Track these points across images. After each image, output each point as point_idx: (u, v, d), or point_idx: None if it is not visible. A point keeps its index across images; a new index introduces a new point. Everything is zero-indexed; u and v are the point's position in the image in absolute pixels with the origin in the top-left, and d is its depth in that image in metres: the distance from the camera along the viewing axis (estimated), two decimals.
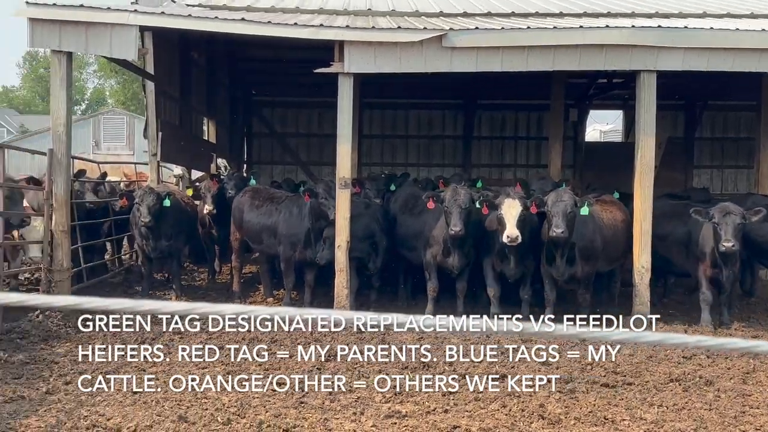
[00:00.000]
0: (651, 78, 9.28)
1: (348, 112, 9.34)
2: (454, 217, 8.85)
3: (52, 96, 9.42)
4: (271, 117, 19.15)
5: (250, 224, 10.16)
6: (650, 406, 6.02)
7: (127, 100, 59.71)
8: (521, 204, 8.62)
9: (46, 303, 1.72)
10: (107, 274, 11.66)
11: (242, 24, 9.31)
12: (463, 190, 9.09)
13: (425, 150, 19.10)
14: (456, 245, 9.20)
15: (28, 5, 8.94)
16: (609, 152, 18.71)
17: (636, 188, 9.39)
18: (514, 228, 8.52)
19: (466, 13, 11.56)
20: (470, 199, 8.98)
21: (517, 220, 8.55)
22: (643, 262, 9.23)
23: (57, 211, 9.20)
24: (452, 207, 8.89)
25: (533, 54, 9.19)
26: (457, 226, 8.80)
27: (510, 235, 8.51)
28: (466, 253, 9.36)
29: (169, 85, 13.32)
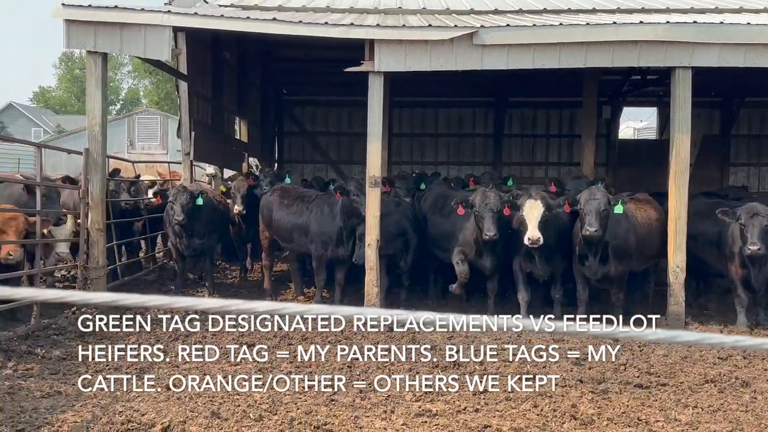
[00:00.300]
0: (686, 74, 9.13)
1: (378, 110, 9.34)
2: (487, 222, 8.77)
3: (87, 96, 9.57)
4: (302, 116, 19.24)
5: (280, 223, 10.22)
6: (685, 407, 5.93)
7: (160, 100, 60.53)
8: (543, 205, 8.53)
9: (84, 299, 1.75)
10: (141, 272, 11.83)
11: (274, 24, 9.37)
12: (493, 194, 9.01)
13: (455, 148, 19.02)
14: (488, 247, 9.16)
15: (64, 7, 9.10)
16: (643, 150, 18.44)
17: (671, 187, 9.25)
18: (536, 230, 8.44)
19: (497, 11, 11.49)
20: (501, 202, 8.91)
21: (539, 221, 8.47)
22: (677, 261, 9.10)
23: (93, 209, 9.35)
24: (484, 211, 8.82)
25: (565, 51, 9.10)
26: (491, 230, 8.73)
27: (531, 237, 8.44)
28: (498, 253, 9.32)
29: (202, 85, 13.46)
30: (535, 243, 8.44)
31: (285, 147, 19.29)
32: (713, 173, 17.11)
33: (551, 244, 8.82)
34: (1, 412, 5.40)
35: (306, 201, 10.22)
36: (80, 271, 9.36)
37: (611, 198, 8.63)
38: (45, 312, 8.31)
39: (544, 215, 8.51)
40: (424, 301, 10.39)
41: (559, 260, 9.13)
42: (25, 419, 5.28)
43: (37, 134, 53.61)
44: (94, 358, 6.83)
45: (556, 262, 9.12)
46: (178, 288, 10.51)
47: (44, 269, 8.90)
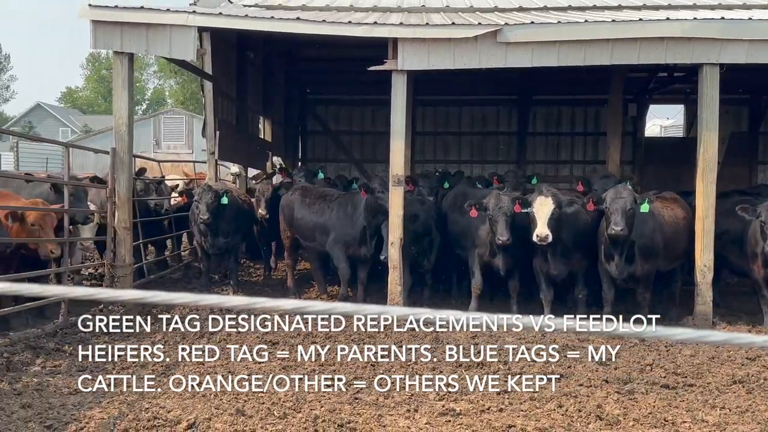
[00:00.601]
0: (714, 71, 9.00)
1: (401, 109, 9.33)
2: (500, 226, 8.71)
3: (114, 96, 9.68)
4: (325, 115, 19.29)
5: (301, 222, 10.24)
6: (712, 408, 5.85)
7: (186, 99, 61.11)
8: (554, 202, 8.45)
9: (112, 297, 1.77)
10: (167, 270, 11.95)
11: (298, 23, 9.40)
12: (506, 197, 8.94)
13: (479, 147, 18.94)
14: (503, 248, 9.07)
15: (90, 8, 9.20)
16: (669, 148, 18.20)
17: (698, 185, 9.14)
18: (545, 227, 8.35)
19: (521, 8, 11.43)
20: (514, 205, 8.83)
21: (549, 218, 8.38)
22: (705, 261, 8.98)
23: (119, 208, 9.46)
24: (497, 215, 8.76)
25: (591, 48, 9.02)
26: (504, 235, 8.68)
27: (540, 234, 8.36)
28: (514, 254, 9.21)
29: (227, 84, 13.55)
30: (543, 240, 8.35)
31: (308, 146, 19.35)
32: (741, 171, 16.85)
33: (567, 242, 8.75)
34: (30, 408, 5.48)
35: (327, 200, 10.23)
36: (107, 269, 9.48)
37: (637, 197, 8.53)
38: (72, 310, 8.42)
39: (555, 212, 8.43)
40: (448, 300, 10.36)
41: (578, 259, 9.00)
42: (53, 415, 5.36)
43: (64, 134, 54.45)
44: (120, 356, 6.90)
45: (574, 262, 8.99)
46: (203, 286, 10.59)
47: (72, 267, 9.01)
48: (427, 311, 1.61)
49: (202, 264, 11.14)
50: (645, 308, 8.91)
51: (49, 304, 8.36)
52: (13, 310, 7.63)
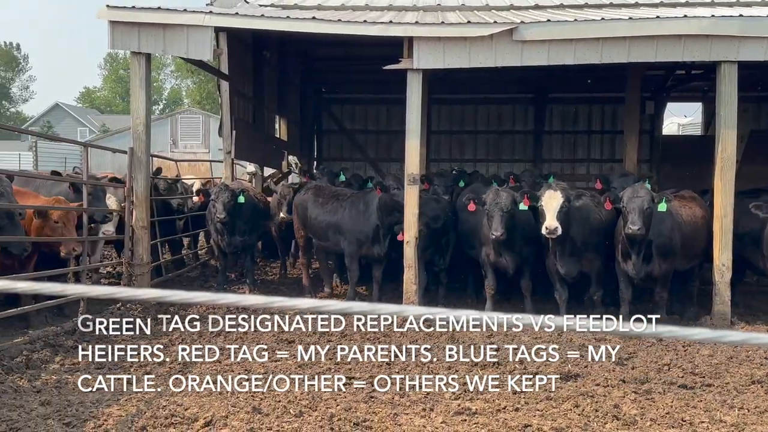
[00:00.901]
0: (732, 69, 8.92)
1: (417, 108, 9.33)
2: (495, 221, 8.66)
3: (132, 96, 9.76)
4: (340, 114, 19.32)
5: (314, 221, 10.24)
6: (730, 408, 5.80)
7: (202, 99, 61.45)
8: (563, 196, 8.37)
9: (131, 296, 1.79)
10: (184, 269, 12.02)
11: (313, 23, 9.42)
12: (506, 193, 8.87)
13: (494, 145, 18.89)
14: (502, 247, 9.01)
15: (108, 8, 9.28)
16: (687, 146, 18.06)
17: (716, 183, 9.06)
18: (554, 219, 8.26)
19: (537, 6, 11.39)
20: (513, 201, 8.76)
21: (558, 212, 8.29)
22: (723, 260, 8.91)
23: (137, 207, 9.53)
24: (493, 210, 8.71)
25: (608, 46, 8.97)
26: (498, 230, 8.62)
27: (549, 226, 8.26)
28: (518, 252, 9.14)
29: (243, 84, 13.62)
30: (552, 233, 8.27)
31: (324, 145, 19.40)
32: (761, 169, 16.66)
33: (577, 240, 8.67)
34: (49, 405, 5.54)
35: (340, 199, 10.23)
36: (125, 268, 9.56)
37: (655, 195, 8.46)
38: (91, 308, 8.50)
39: (564, 206, 8.35)
40: (464, 299, 10.35)
41: (589, 259, 8.90)
42: (71, 413, 5.41)
43: (82, 134, 54.94)
44: (138, 353, 6.95)
45: (585, 261, 8.89)
46: (220, 285, 10.65)
47: (90, 266, 9.09)
48: (443, 311, 1.61)
49: (218, 263, 11.21)
50: (662, 308, 8.85)
51: (68, 303, 8.45)
52: (33, 308, 7.71)
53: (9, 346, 6.82)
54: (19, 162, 36.43)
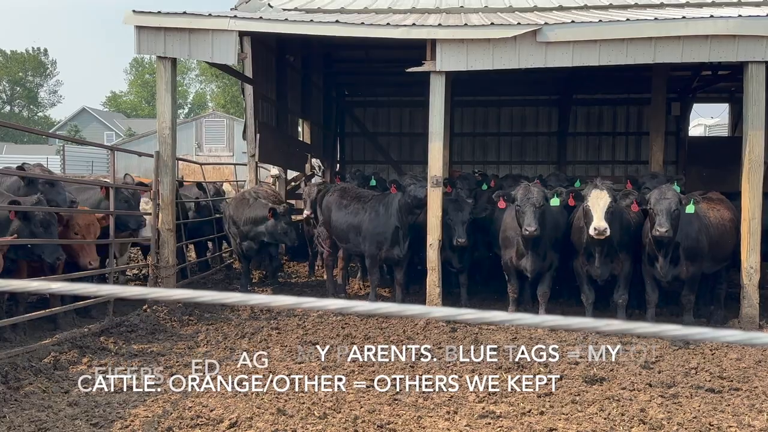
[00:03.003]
0: (759, 69, 8.80)
1: (440, 110, 9.32)
2: (528, 217, 8.49)
3: (157, 100, 9.85)
4: (363, 117, 19.36)
5: (337, 223, 10.26)
6: (759, 412, 5.71)
7: (226, 103, 62.00)
8: (610, 195, 8.18)
9: (163, 296, 1.82)
10: (209, 271, 12.12)
11: (337, 26, 9.45)
12: (536, 188, 8.73)
13: (518, 147, 18.81)
14: (530, 246, 8.87)
15: (134, 14, 9.37)
16: (714, 148, 17.84)
17: (744, 185, 8.93)
18: (602, 220, 8.05)
19: (561, 7, 11.33)
20: (544, 197, 8.63)
21: (605, 212, 8.11)
22: (751, 263, 8.78)
23: (163, 210, 9.62)
24: (525, 206, 8.54)
25: (633, 47, 8.89)
26: (532, 225, 8.44)
27: (598, 227, 8.05)
28: (542, 255, 8.99)
29: (267, 87, 13.70)
30: (601, 234, 8.04)
31: (347, 147, 19.45)
32: None
33: (614, 241, 8.53)
34: (77, 406, 5.61)
35: (362, 201, 10.24)
36: (151, 270, 9.65)
37: (683, 197, 8.35)
38: (117, 309, 8.60)
39: (611, 205, 8.18)
40: (487, 301, 10.31)
41: (620, 261, 8.75)
42: (99, 413, 5.48)
43: (109, 137, 55.73)
44: (164, 355, 7.02)
45: (617, 264, 8.75)
46: (243, 287, 10.72)
47: (116, 268, 9.19)
48: (470, 311, 1.61)
49: (240, 266, 11.30)
50: (689, 311, 8.74)
51: (96, 304, 8.56)
52: (61, 309, 7.82)
53: (38, 347, 6.92)
54: (47, 166, 36.95)
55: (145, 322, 8.30)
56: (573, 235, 9.02)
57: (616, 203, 8.30)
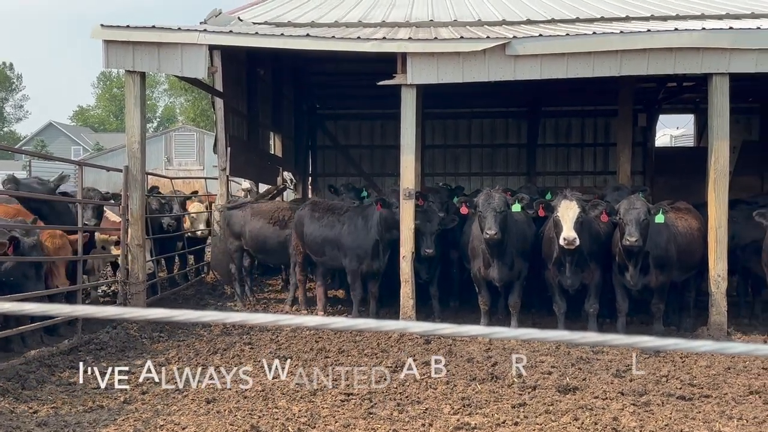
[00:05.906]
0: (723, 81, 8.99)
1: (411, 123, 9.35)
2: (489, 220, 8.55)
3: (126, 115, 9.74)
4: (335, 129, 19.39)
5: (311, 237, 10.17)
6: (729, 419, 5.79)
7: (196, 116, 61.55)
8: (579, 206, 8.29)
9: (141, 315, 1.79)
10: (179, 287, 11.98)
11: (308, 40, 9.45)
12: (498, 194, 8.81)
13: (488, 159, 18.98)
14: (495, 254, 8.91)
15: (102, 28, 9.28)
16: (680, 158, 18.16)
17: (710, 194, 9.10)
18: (572, 230, 8.16)
19: (529, 20, 11.47)
20: (505, 203, 8.71)
21: (575, 222, 8.22)
22: (719, 271, 8.93)
23: (132, 225, 9.50)
24: (486, 210, 8.62)
25: (599, 59, 9.03)
26: (492, 229, 8.49)
27: (567, 237, 8.14)
28: (509, 264, 9.04)
29: (237, 101, 13.65)
30: (570, 244, 8.14)
31: (318, 160, 19.44)
32: (753, 180, 16.78)
33: (583, 251, 8.61)
34: (46, 426, 5.49)
35: (337, 213, 10.16)
36: (120, 287, 9.51)
37: (651, 207, 8.47)
38: (86, 327, 8.46)
39: (580, 216, 8.28)
40: (460, 313, 10.33)
41: (590, 271, 8.82)
42: None
43: (76, 152, 54.91)
44: (134, 372, 6.91)
45: (587, 274, 8.81)
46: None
47: (84, 285, 9.04)
48: (448, 326, 1.61)
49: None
50: (659, 319, 8.85)
51: (63, 322, 8.41)
52: (28, 328, 7.65)
53: (5, 367, 6.76)
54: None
55: (114, 339, 8.17)
56: (544, 246, 9.10)
57: (585, 214, 8.40)
